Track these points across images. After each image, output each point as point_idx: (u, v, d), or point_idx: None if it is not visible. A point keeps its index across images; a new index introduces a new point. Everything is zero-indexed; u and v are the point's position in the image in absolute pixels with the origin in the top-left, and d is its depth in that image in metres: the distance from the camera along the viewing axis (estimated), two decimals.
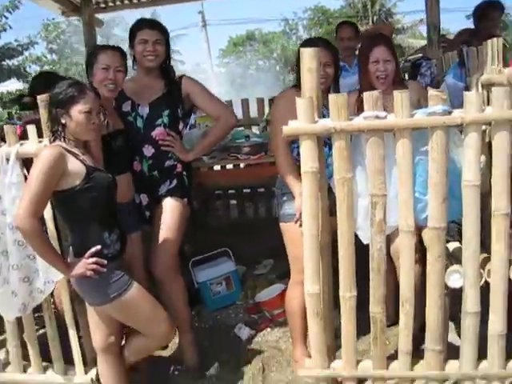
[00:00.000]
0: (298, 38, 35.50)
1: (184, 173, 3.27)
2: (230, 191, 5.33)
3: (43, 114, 2.64)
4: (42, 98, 2.64)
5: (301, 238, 2.53)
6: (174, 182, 3.22)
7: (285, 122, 2.43)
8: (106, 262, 2.45)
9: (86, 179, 2.40)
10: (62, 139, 2.45)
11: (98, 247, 2.44)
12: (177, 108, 3.23)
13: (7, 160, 2.64)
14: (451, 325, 2.96)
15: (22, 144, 2.67)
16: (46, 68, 20.65)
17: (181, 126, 3.29)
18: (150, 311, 2.63)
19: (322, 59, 2.67)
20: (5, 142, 2.72)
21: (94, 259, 2.41)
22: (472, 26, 4.88)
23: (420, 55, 5.87)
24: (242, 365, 3.30)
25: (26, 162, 2.69)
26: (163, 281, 3.09)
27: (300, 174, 2.48)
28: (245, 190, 5.40)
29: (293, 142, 2.90)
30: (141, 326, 2.67)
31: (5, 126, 2.72)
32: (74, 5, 5.74)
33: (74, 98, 2.42)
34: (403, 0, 7.17)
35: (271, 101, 4.54)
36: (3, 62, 18.84)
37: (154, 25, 3.22)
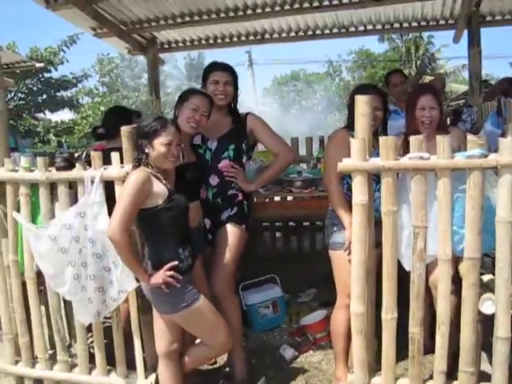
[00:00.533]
0: (341, 79, 35.87)
1: (244, 202, 3.61)
2: (277, 223, 5.65)
3: (125, 143, 3.02)
4: (125, 130, 3.02)
5: (348, 264, 2.86)
6: (235, 209, 3.54)
7: (337, 159, 2.78)
8: (181, 277, 2.78)
9: (168, 200, 2.77)
10: (145, 165, 2.82)
11: (176, 262, 2.77)
12: (241, 143, 3.59)
13: (92, 182, 3.01)
14: (484, 356, 3.15)
15: (105, 168, 3.04)
16: (97, 100, 21.52)
17: (244, 159, 3.65)
18: (213, 322, 2.95)
19: (373, 104, 2.99)
20: (90, 166, 3.09)
21: (171, 272, 2.75)
22: None
23: (462, 101, 6.13)
24: (286, 381, 3.55)
25: (106, 184, 3.06)
26: (220, 297, 3.37)
27: (349, 207, 2.81)
28: (290, 223, 5.71)
29: (343, 179, 3.22)
30: (204, 334, 2.99)
31: (91, 153, 3.10)
32: (141, 45, 6.24)
33: (157, 131, 2.80)
34: (448, 46, 7.33)
35: (321, 141, 4.90)
36: (57, 93, 19.60)
37: (225, 67, 3.60)
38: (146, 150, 2.83)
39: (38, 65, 9.80)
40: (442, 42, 31.43)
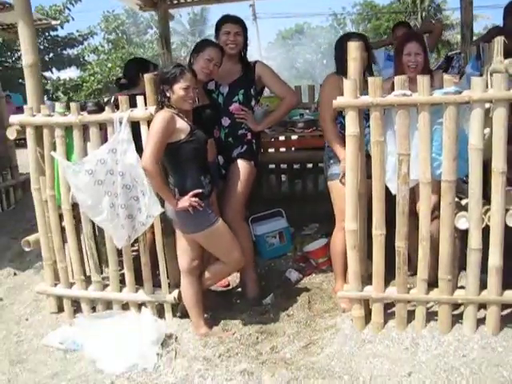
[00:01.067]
0: (345, 32, 35.67)
1: (253, 140, 4.05)
2: (282, 166, 6.10)
3: (148, 88, 3.46)
4: (147, 76, 3.45)
5: (344, 193, 3.31)
6: (245, 147, 3.98)
7: (330, 100, 3.24)
8: (203, 203, 3.25)
9: (190, 134, 3.24)
10: (168, 107, 3.27)
11: (200, 190, 3.24)
12: (250, 88, 4.01)
13: (120, 122, 3.45)
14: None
15: (132, 110, 3.47)
16: (103, 57, 21.71)
17: (253, 102, 4.08)
18: (229, 241, 3.45)
19: None
20: (118, 109, 3.53)
21: (196, 198, 3.21)
22: None
23: (456, 52, 6.48)
24: (292, 297, 4.05)
25: (133, 124, 3.49)
26: (232, 224, 3.80)
27: (343, 142, 3.28)
28: (295, 166, 6.16)
29: (336, 118, 3.66)
30: (221, 252, 3.49)
31: (119, 97, 3.54)
32: (151, 1, 6.58)
33: (176, 77, 3.26)
34: None
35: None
36: (64, 52, 19.80)
37: (236, 20, 4.00)
38: (168, 94, 3.28)
39: (54, 22, 10.06)
40: None
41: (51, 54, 19.08)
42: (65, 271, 3.97)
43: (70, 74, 21.40)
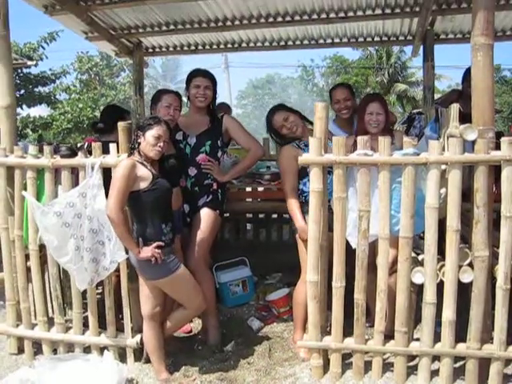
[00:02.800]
0: (315, 84, 36.40)
1: (219, 190, 4.16)
2: (248, 215, 6.22)
3: (121, 136, 3.58)
4: (121, 125, 3.58)
5: None
6: (210, 196, 4.10)
7: (289, 172, 3.76)
8: (164, 256, 3.31)
9: (152, 183, 3.33)
10: (137, 154, 3.38)
11: (161, 243, 3.31)
12: (217, 140, 4.15)
13: (92, 168, 3.54)
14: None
15: (104, 157, 3.57)
16: (74, 97, 21.75)
17: (220, 153, 4.20)
18: (191, 287, 3.52)
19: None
20: (91, 154, 3.62)
21: (158, 250, 3.28)
22: None
23: (418, 110, 6.79)
24: (252, 345, 4.09)
25: (104, 170, 3.58)
26: (196, 271, 3.87)
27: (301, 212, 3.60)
28: (260, 216, 6.29)
29: (303, 178, 3.83)
30: (183, 297, 3.55)
31: (92, 144, 3.64)
32: (127, 48, 6.76)
33: (151, 125, 3.38)
34: (416, 56, 7.86)
35: None
36: (35, 89, 19.75)
37: (206, 74, 4.15)
38: (139, 140, 3.39)
39: (30, 63, 10.11)
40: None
41: (22, 91, 19.00)
42: (27, 312, 3.98)
43: (40, 111, 21.31)
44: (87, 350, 3.90)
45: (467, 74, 5.06)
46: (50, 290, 3.97)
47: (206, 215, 4.05)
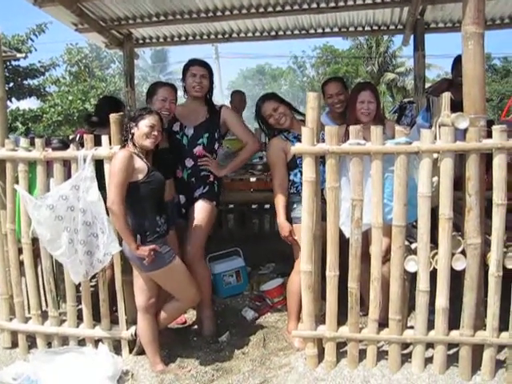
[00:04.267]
0: (306, 75, 36.33)
1: (215, 182, 4.14)
2: (241, 206, 6.23)
3: (113, 128, 3.56)
4: (113, 116, 3.56)
5: None
6: (207, 188, 4.09)
7: (277, 165, 3.78)
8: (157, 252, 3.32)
9: (148, 175, 3.32)
10: (131, 145, 3.37)
11: (157, 247, 3.30)
12: (215, 131, 4.11)
13: (84, 160, 3.53)
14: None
15: (96, 149, 3.56)
16: (64, 89, 21.60)
17: (216, 145, 4.18)
18: (185, 279, 3.53)
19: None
20: (83, 146, 3.61)
21: (153, 252, 3.28)
22: None
23: (409, 99, 6.81)
24: (247, 336, 4.11)
25: (97, 162, 3.58)
26: (192, 263, 3.90)
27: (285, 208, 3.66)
28: (253, 206, 6.30)
29: (294, 169, 3.85)
30: (177, 289, 3.56)
31: (84, 135, 3.62)
32: (118, 40, 6.72)
33: (143, 115, 3.38)
34: (406, 45, 7.83)
35: None
36: (24, 82, 19.60)
37: (202, 63, 4.12)
38: (132, 131, 3.39)
39: (19, 55, 10.02)
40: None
41: (11, 84, 18.83)
42: (21, 306, 3.97)
43: (30, 104, 21.16)
44: (82, 342, 3.90)
45: (456, 63, 5.08)
46: (43, 283, 3.95)
47: (202, 207, 4.04)
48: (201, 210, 4.03)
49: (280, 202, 3.83)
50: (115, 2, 5.56)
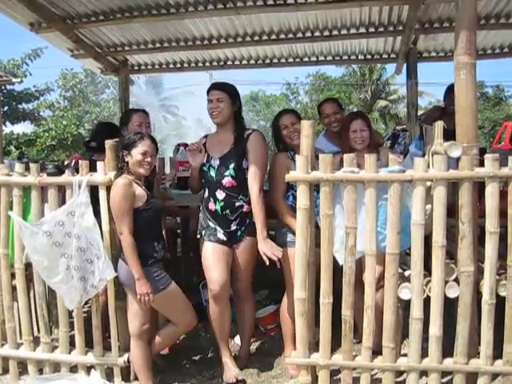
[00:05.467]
0: (299, 101, 36.54)
1: (250, 212, 3.88)
2: None
3: (108, 154, 3.58)
4: (108, 142, 3.58)
5: None
6: (245, 221, 3.86)
7: (280, 181, 3.61)
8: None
9: (147, 202, 3.35)
10: (126, 173, 3.39)
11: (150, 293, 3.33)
12: (241, 160, 3.79)
13: (79, 186, 3.53)
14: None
15: (91, 175, 3.57)
16: (58, 114, 21.69)
17: (246, 174, 3.80)
18: (182, 303, 3.54)
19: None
20: (78, 172, 3.62)
21: (150, 297, 3.32)
22: None
23: (402, 127, 6.88)
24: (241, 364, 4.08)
25: (92, 188, 3.58)
26: (241, 299, 4.05)
27: (295, 215, 3.46)
28: None
29: (288, 191, 3.84)
30: (174, 314, 3.56)
31: (80, 161, 3.64)
32: (113, 66, 6.79)
33: (135, 142, 3.41)
34: (399, 74, 7.97)
35: None
36: (19, 106, 19.69)
37: (217, 86, 3.87)
38: (126, 159, 3.41)
39: (15, 80, 10.08)
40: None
41: (5, 108, 18.90)
42: (13, 331, 3.92)
43: (24, 128, 21.21)
44: (74, 369, 3.85)
45: (449, 92, 5.13)
46: (35, 308, 3.93)
47: (249, 245, 3.86)
48: (247, 251, 3.88)
49: (288, 214, 3.73)
50: (111, 28, 5.64)
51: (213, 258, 3.77)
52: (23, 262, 3.78)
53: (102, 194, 3.54)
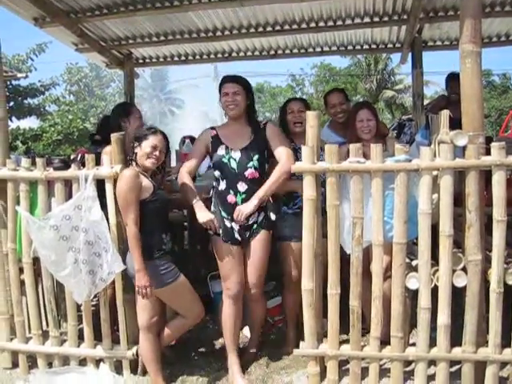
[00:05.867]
0: (304, 92, 36.45)
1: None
2: None
3: (114, 147, 3.58)
4: (114, 136, 3.58)
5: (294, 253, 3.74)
6: (262, 214, 3.79)
7: None
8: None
9: (154, 194, 3.36)
10: (135, 165, 3.40)
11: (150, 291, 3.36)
12: (263, 152, 3.79)
13: (85, 179, 3.54)
14: None
15: (97, 168, 3.58)
16: (63, 108, 21.71)
17: (266, 166, 3.83)
18: (190, 296, 3.55)
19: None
20: (84, 166, 3.63)
21: (148, 290, 3.33)
22: None
23: (408, 117, 6.87)
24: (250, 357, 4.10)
25: (98, 181, 3.59)
26: (253, 295, 3.90)
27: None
28: None
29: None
30: (182, 307, 3.57)
31: (86, 155, 3.65)
32: (118, 60, 6.79)
33: (146, 135, 3.42)
34: (404, 63, 7.90)
35: None
36: (25, 101, 19.70)
37: (232, 79, 3.84)
38: (135, 151, 3.43)
39: (20, 75, 10.10)
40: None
41: (11, 103, 18.90)
42: (22, 325, 3.96)
43: (30, 123, 21.23)
44: (83, 362, 3.89)
45: (449, 81, 5.14)
46: (44, 302, 3.95)
47: (262, 240, 3.80)
48: (261, 246, 3.81)
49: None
50: (115, 22, 5.63)
51: (230, 260, 3.75)
52: (31, 257, 3.79)
53: (109, 187, 3.54)
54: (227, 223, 3.74)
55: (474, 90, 3.20)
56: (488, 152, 3.19)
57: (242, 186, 3.73)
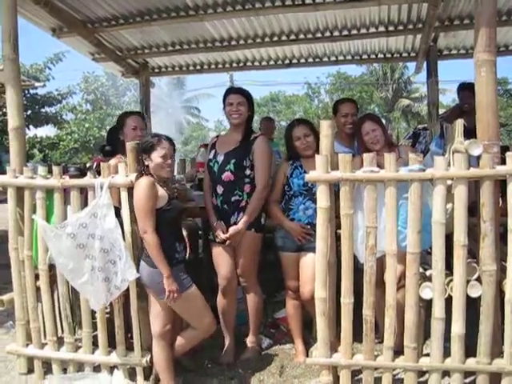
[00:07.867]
0: (320, 101, 36.44)
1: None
2: None
3: (129, 156, 3.61)
4: (129, 145, 3.61)
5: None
6: (241, 214, 4.02)
7: (277, 184, 4.10)
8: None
9: (168, 203, 3.38)
10: (148, 175, 3.43)
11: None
12: (243, 159, 3.99)
13: (101, 188, 3.58)
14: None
15: (113, 177, 3.61)
16: (80, 116, 21.90)
17: (248, 171, 4.01)
18: (201, 307, 3.55)
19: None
20: (99, 175, 3.66)
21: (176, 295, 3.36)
22: None
23: (423, 126, 6.86)
24: (263, 363, 4.11)
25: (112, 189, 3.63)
26: (245, 288, 4.26)
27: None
28: (267, 235, 6.29)
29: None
30: (193, 317, 3.57)
31: (101, 164, 3.68)
32: (134, 69, 6.86)
33: (153, 146, 3.44)
34: (419, 72, 7.91)
35: None
36: (42, 109, 19.89)
37: (237, 91, 4.19)
38: (146, 163, 3.44)
39: (38, 84, 10.21)
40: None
41: (29, 112, 19.07)
42: (37, 331, 3.98)
43: (47, 131, 21.44)
44: (97, 369, 3.90)
45: (460, 91, 5.12)
46: (59, 309, 3.99)
47: (248, 239, 4.08)
48: (246, 243, 4.07)
49: (278, 212, 4.07)
50: (131, 32, 5.70)
51: (219, 258, 4.13)
52: (47, 264, 3.83)
53: (124, 195, 3.57)
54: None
55: (488, 98, 3.20)
56: (504, 161, 3.17)
57: (219, 189, 4.07)
